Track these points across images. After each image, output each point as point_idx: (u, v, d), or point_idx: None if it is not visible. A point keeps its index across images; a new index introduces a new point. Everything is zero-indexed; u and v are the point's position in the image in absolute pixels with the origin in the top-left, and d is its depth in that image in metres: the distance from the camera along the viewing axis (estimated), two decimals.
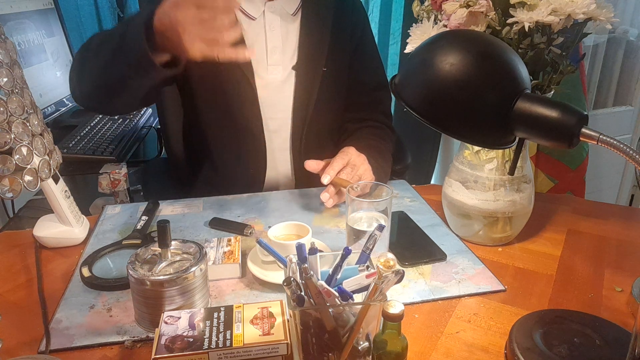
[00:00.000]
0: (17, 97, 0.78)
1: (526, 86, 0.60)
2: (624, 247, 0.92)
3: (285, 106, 1.14)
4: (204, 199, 1.09)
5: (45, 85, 1.49)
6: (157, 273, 0.68)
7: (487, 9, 0.78)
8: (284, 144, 1.17)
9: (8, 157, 0.76)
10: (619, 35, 2.11)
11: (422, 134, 1.99)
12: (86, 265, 0.83)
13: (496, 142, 0.64)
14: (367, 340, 0.61)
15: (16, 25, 1.40)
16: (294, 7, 1.13)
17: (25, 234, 0.96)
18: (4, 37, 0.80)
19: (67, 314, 0.74)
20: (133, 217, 1.02)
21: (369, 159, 1.06)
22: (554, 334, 0.67)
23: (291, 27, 1.13)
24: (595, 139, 0.55)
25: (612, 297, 0.79)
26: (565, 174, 1.64)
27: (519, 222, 0.91)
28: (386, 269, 0.56)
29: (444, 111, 0.61)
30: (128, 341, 0.68)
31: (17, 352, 0.67)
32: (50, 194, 0.87)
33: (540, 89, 0.83)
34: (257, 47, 1.10)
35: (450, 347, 0.68)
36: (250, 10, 1.10)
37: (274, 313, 0.64)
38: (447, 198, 0.94)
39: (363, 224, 0.81)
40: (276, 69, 1.12)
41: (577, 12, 0.74)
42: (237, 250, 0.84)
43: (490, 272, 0.84)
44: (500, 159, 0.86)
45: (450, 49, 0.61)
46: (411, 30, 0.84)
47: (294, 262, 0.63)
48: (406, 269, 0.84)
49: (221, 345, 0.59)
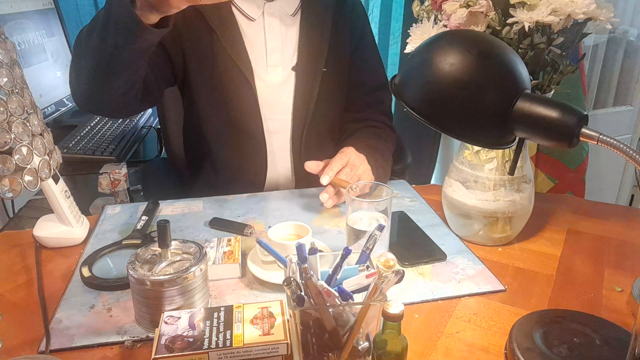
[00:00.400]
0: (17, 97, 0.78)
1: (526, 86, 0.60)
2: (624, 247, 0.92)
3: (285, 107, 1.14)
4: (204, 199, 1.09)
5: (45, 85, 1.49)
6: (157, 273, 0.68)
7: (487, 9, 0.78)
8: (284, 144, 1.17)
9: (8, 157, 0.76)
10: (619, 35, 2.11)
11: (422, 134, 1.99)
12: (86, 265, 0.83)
13: (496, 142, 0.64)
14: (367, 340, 0.61)
15: (16, 25, 1.40)
16: (293, 7, 1.12)
17: (25, 234, 0.96)
18: (4, 37, 0.80)
19: (67, 314, 0.74)
20: (133, 217, 1.02)
21: (368, 158, 1.06)
22: (554, 334, 0.67)
23: (291, 28, 1.13)
24: (595, 139, 0.55)
25: (612, 297, 0.79)
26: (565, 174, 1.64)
27: (519, 222, 0.91)
28: (386, 269, 0.56)
29: (444, 111, 0.61)
30: (128, 341, 0.68)
31: (17, 352, 0.67)
32: (50, 194, 0.87)
33: (540, 89, 0.83)
34: (256, 49, 1.10)
35: (450, 347, 0.68)
36: (250, 11, 1.10)
37: (274, 313, 0.64)
38: (447, 198, 0.94)
39: (363, 224, 0.81)
40: (276, 70, 1.12)
41: (577, 12, 0.74)
42: (237, 250, 0.84)
43: (490, 272, 0.84)
44: (500, 159, 0.86)
45: (450, 49, 0.61)
46: (411, 30, 0.84)
47: (294, 262, 0.63)
48: (406, 269, 0.84)
49: (221, 345, 0.59)
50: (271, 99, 1.12)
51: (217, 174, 1.18)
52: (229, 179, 1.17)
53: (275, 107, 1.13)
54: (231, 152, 1.15)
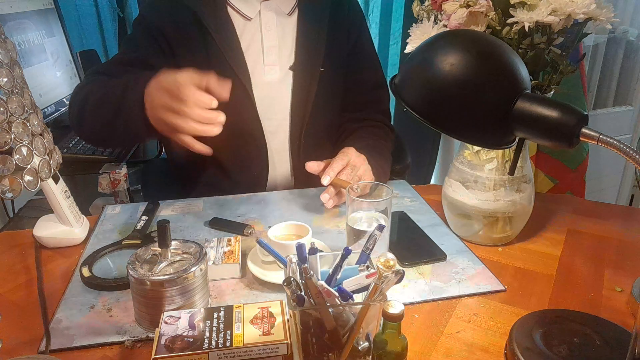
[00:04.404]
0: (17, 97, 0.78)
1: (526, 86, 0.60)
2: (624, 247, 0.92)
3: (283, 107, 1.14)
4: (204, 199, 1.09)
5: (45, 85, 1.49)
6: (157, 273, 0.68)
7: (487, 9, 0.78)
8: (283, 144, 1.17)
9: (8, 157, 0.76)
10: (619, 35, 2.11)
11: (422, 134, 1.99)
12: (86, 265, 0.83)
13: (496, 142, 0.64)
14: (367, 340, 0.61)
15: (16, 25, 1.40)
16: (290, 6, 1.13)
17: (25, 234, 0.96)
18: (4, 37, 0.80)
19: (67, 314, 0.74)
20: (133, 217, 1.02)
21: (368, 159, 1.06)
22: (554, 334, 0.67)
23: (288, 27, 1.13)
24: (595, 139, 0.55)
25: (612, 297, 0.79)
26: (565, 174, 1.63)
27: (519, 222, 0.91)
28: (386, 269, 0.56)
29: (444, 111, 0.61)
30: (128, 341, 0.68)
31: (17, 352, 0.67)
32: (50, 194, 0.87)
33: (540, 89, 0.83)
34: (253, 48, 1.11)
35: (450, 347, 0.68)
36: (246, 10, 1.10)
37: (274, 313, 0.64)
38: (447, 198, 0.94)
39: (363, 224, 0.81)
40: (273, 69, 1.12)
41: (577, 12, 0.74)
42: (237, 250, 0.84)
43: (490, 272, 0.84)
44: (500, 159, 0.86)
45: (450, 49, 0.61)
46: (411, 30, 0.84)
47: (294, 262, 0.63)
48: (406, 269, 0.84)
49: (221, 345, 0.59)
50: (268, 99, 1.12)
51: (220, 175, 1.18)
52: (232, 179, 1.17)
53: (272, 107, 1.13)
54: (232, 152, 1.15)
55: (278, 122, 1.15)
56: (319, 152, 1.09)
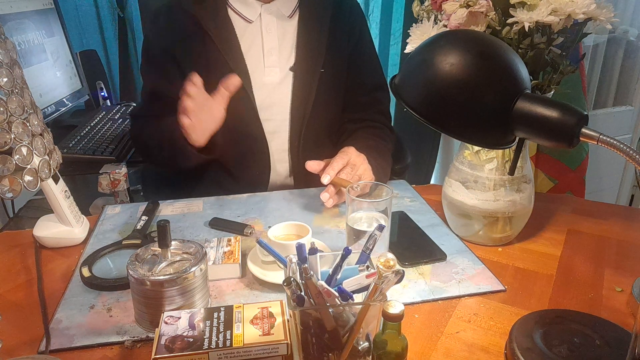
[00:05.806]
0: (17, 97, 0.78)
1: (526, 86, 0.60)
2: (624, 247, 0.92)
3: (283, 107, 1.14)
4: (204, 199, 1.09)
5: (45, 85, 1.49)
6: (157, 273, 0.68)
7: (487, 9, 0.78)
8: (283, 145, 1.17)
9: (8, 157, 0.76)
10: (619, 35, 2.11)
11: (422, 134, 1.99)
12: (86, 265, 0.83)
13: (496, 142, 0.64)
14: (367, 340, 0.61)
15: (16, 25, 1.40)
16: (291, 9, 1.13)
17: (25, 234, 0.96)
18: (4, 37, 0.80)
19: (67, 314, 0.74)
20: (133, 217, 1.02)
21: (368, 158, 1.06)
22: (554, 334, 0.67)
23: (288, 29, 1.13)
24: (595, 139, 0.55)
25: (612, 297, 0.79)
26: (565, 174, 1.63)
27: (519, 222, 0.91)
28: (386, 269, 0.56)
29: (444, 111, 0.61)
30: (128, 341, 0.68)
31: (17, 352, 0.67)
32: (50, 194, 0.87)
33: (540, 89, 0.83)
34: (253, 50, 1.11)
35: (450, 347, 0.68)
36: (247, 13, 1.10)
37: (274, 313, 0.64)
38: (447, 198, 0.94)
39: (363, 224, 0.81)
40: (273, 70, 1.12)
41: (577, 12, 0.74)
42: (237, 250, 0.84)
43: (490, 272, 0.84)
44: (500, 159, 0.86)
45: (450, 49, 0.61)
46: (411, 30, 0.84)
47: (294, 262, 0.63)
48: (406, 269, 0.84)
49: (221, 345, 0.59)
50: (268, 100, 1.13)
51: (221, 175, 1.18)
52: (233, 180, 1.17)
53: (272, 107, 1.14)
54: (233, 153, 1.15)
55: (278, 122, 1.15)
56: (319, 153, 1.09)
